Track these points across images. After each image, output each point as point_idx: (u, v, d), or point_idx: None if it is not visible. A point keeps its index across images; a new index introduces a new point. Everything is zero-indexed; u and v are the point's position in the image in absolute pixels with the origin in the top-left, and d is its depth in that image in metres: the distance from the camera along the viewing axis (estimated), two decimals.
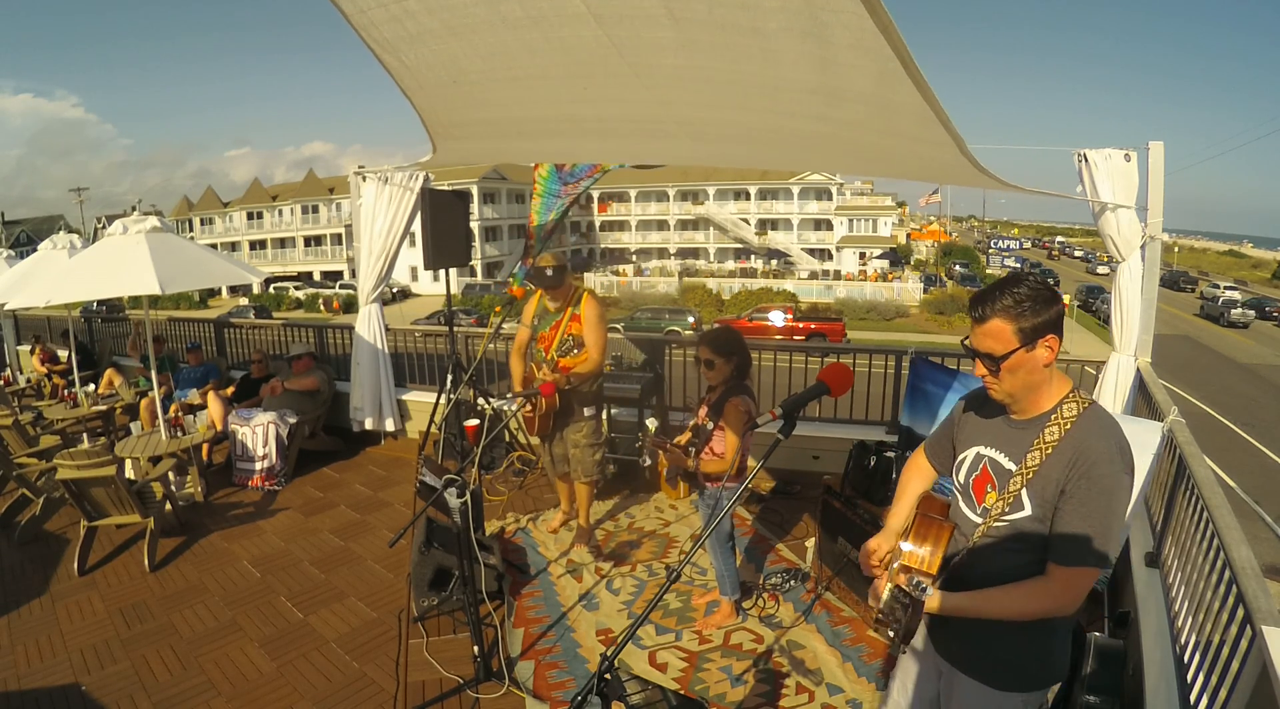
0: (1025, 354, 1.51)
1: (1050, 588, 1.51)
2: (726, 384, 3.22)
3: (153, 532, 4.26)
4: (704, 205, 50.69)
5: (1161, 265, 4.36)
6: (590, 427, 4.06)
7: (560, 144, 3.67)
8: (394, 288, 39.46)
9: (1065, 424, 1.53)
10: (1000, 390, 1.59)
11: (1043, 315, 1.50)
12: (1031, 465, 1.54)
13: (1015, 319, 1.50)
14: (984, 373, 1.58)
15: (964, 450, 1.74)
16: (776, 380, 5.82)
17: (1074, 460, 1.49)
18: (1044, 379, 1.57)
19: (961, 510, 1.70)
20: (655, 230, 52.73)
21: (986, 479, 1.64)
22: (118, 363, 8.57)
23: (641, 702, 2.05)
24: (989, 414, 1.70)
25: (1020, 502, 1.55)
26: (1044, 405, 1.58)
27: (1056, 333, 1.53)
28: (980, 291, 1.58)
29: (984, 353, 1.55)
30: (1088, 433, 1.51)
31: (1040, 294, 1.51)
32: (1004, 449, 1.63)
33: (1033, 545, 1.55)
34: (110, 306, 12.81)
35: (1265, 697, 1.61)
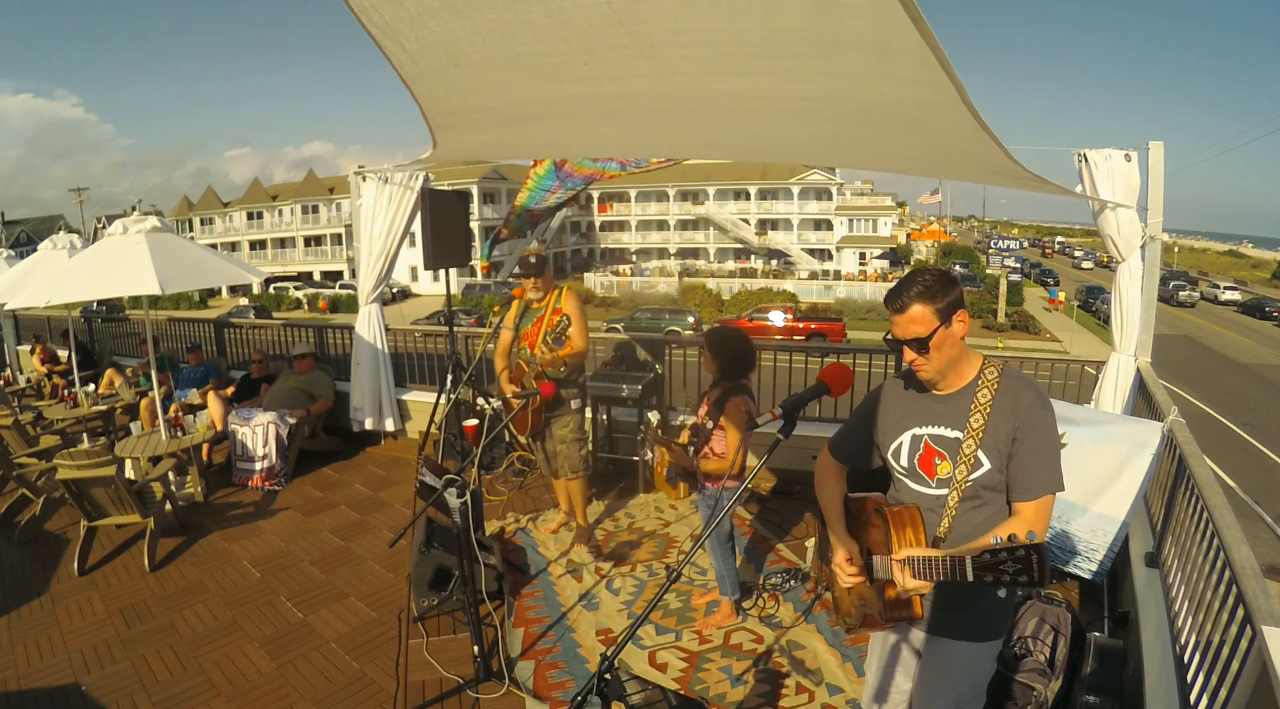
0: (945, 331, 1.70)
1: (1029, 518, 1.70)
2: (722, 382, 3.24)
3: (153, 532, 4.26)
4: (704, 205, 50.67)
5: (1161, 265, 4.36)
6: (575, 421, 4.14)
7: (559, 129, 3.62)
8: (394, 288, 39.47)
9: (992, 385, 1.74)
10: (930, 369, 1.75)
11: (950, 294, 1.71)
12: (978, 427, 1.72)
13: (931, 301, 1.69)
14: (913, 357, 1.74)
15: (895, 438, 1.87)
16: (776, 380, 5.82)
17: (1013, 412, 1.70)
18: (962, 352, 1.77)
19: (912, 489, 1.85)
20: (655, 230, 52.70)
21: (933, 453, 1.79)
22: (118, 363, 8.58)
23: (641, 702, 2.05)
24: (912, 398, 1.87)
25: (979, 460, 1.72)
26: (968, 375, 1.78)
27: (964, 307, 1.75)
28: (890, 290, 1.77)
29: (910, 339, 1.71)
30: (1016, 388, 1.73)
31: (943, 278, 1.72)
32: (941, 422, 1.79)
33: (994, 495, 1.75)
34: (110, 306, 12.81)
35: (1265, 697, 1.61)
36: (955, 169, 3.20)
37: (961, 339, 1.75)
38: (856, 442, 2.02)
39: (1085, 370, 5.26)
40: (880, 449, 1.93)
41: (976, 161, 2.77)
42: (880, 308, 36.15)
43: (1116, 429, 3.45)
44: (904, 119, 2.39)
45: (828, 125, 2.79)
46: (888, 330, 1.79)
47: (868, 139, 2.90)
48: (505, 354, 4.25)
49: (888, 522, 1.77)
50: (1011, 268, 38.68)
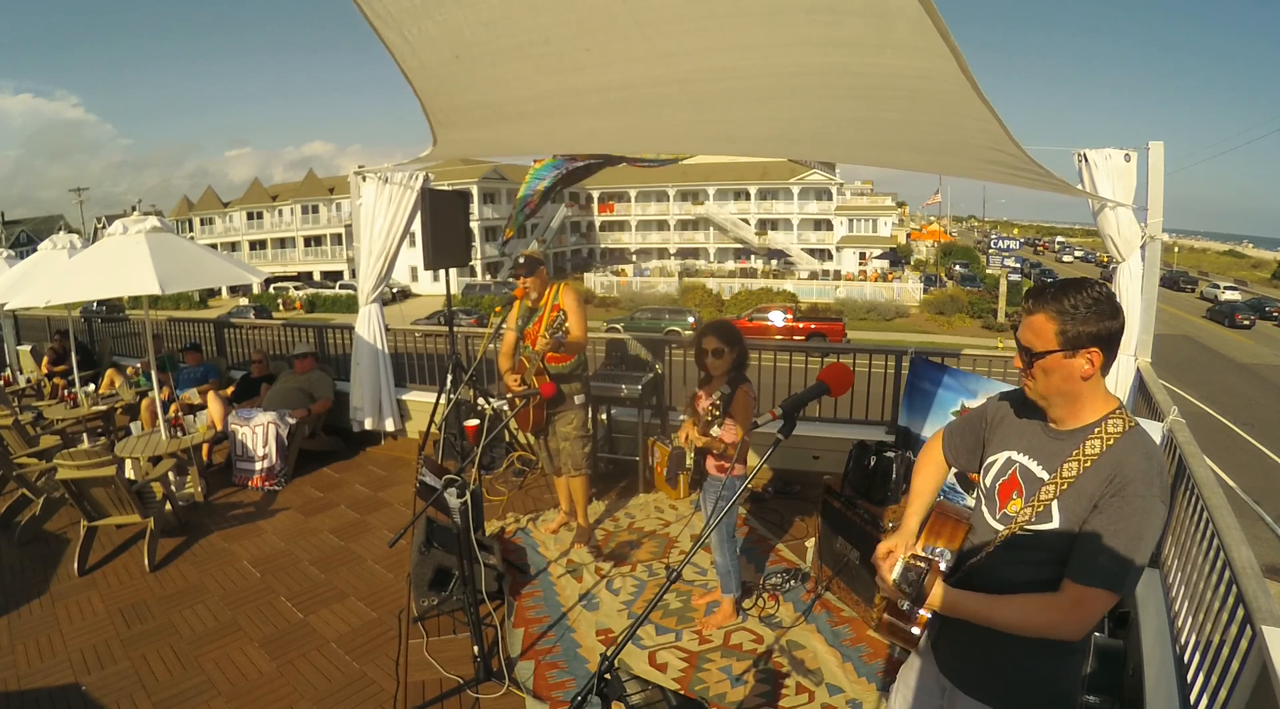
0: (1062, 359, 1.46)
1: (1060, 603, 1.45)
2: (729, 374, 3.24)
3: (153, 532, 4.26)
4: (704, 205, 50.66)
5: (1161, 265, 4.36)
6: (579, 418, 4.16)
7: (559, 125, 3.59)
8: (394, 288, 39.50)
9: (1108, 439, 1.48)
10: (1033, 389, 1.54)
11: (1092, 326, 1.43)
12: (1067, 477, 1.48)
13: (1060, 320, 1.45)
14: (1019, 365, 1.54)
15: (995, 453, 1.67)
16: (776, 380, 5.82)
17: (1112, 477, 1.43)
18: (1082, 391, 1.51)
19: (981, 514, 1.65)
20: (655, 230, 52.68)
21: (1014, 486, 1.58)
22: (118, 363, 8.58)
23: (641, 702, 2.05)
24: (1027, 420, 1.64)
25: (1049, 512, 1.49)
26: (1085, 418, 1.52)
27: (1102, 348, 1.45)
28: (1044, 284, 1.53)
29: (1023, 345, 1.51)
30: (1130, 451, 1.45)
31: (1098, 305, 1.44)
32: (1038, 458, 1.56)
33: (1053, 560, 1.49)
34: (110, 306, 12.82)
35: (1265, 697, 1.61)
36: (954, 159, 3.17)
37: (1084, 379, 1.48)
38: (970, 442, 1.78)
39: None
40: (981, 458, 1.74)
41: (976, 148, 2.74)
42: (879, 308, 36.27)
43: None
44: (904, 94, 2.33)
45: (826, 106, 2.74)
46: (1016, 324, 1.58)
47: (867, 121, 2.84)
48: (509, 354, 4.26)
49: (926, 525, 1.63)
50: (1011, 268, 38.64)
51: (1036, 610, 1.47)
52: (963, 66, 1.87)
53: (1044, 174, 2.85)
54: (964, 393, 3.72)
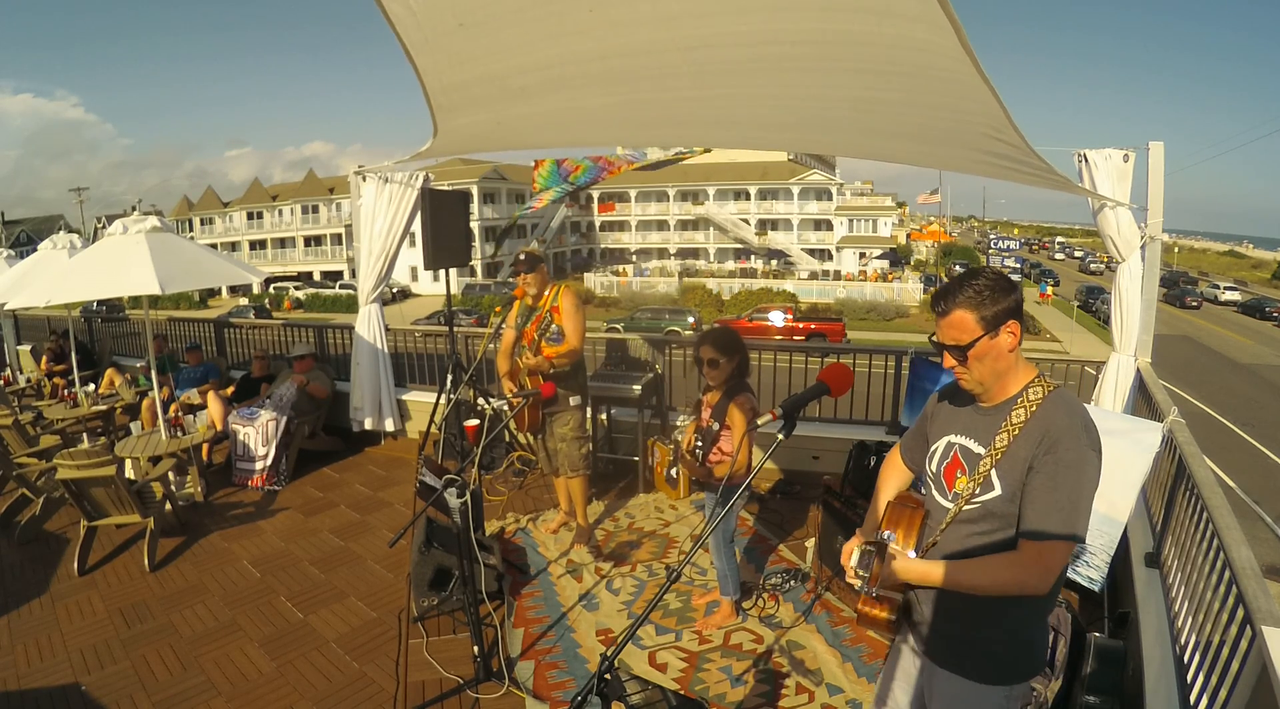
0: (989, 341, 1.58)
1: (1022, 559, 1.54)
2: (728, 383, 3.23)
3: (153, 532, 4.26)
4: (704, 205, 50.66)
5: (1162, 266, 4.36)
6: (576, 419, 4.15)
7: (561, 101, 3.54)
8: (394, 288, 39.51)
9: (1031, 406, 1.59)
10: (970, 379, 1.64)
11: (1002, 303, 1.57)
12: (1000, 447, 1.59)
13: (976, 308, 1.57)
14: (953, 364, 1.63)
15: (935, 441, 1.78)
16: (776, 380, 5.83)
17: (1041, 438, 1.54)
18: (1010, 365, 1.62)
19: (935, 499, 1.74)
20: (655, 230, 52.70)
21: (957, 465, 1.69)
22: (118, 363, 8.58)
23: (641, 702, 2.05)
24: (959, 405, 1.76)
25: (990, 482, 1.59)
26: (1011, 390, 1.64)
27: (1017, 319, 1.59)
28: (941, 287, 1.65)
29: (950, 344, 1.60)
30: (1053, 412, 1.57)
31: (998, 283, 1.58)
32: (973, 435, 1.68)
33: (1004, 525, 1.59)
34: (110, 306, 12.82)
35: (1265, 697, 1.61)
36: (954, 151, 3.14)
37: (1010, 352, 1.60)
38: (916, 442, 1.91)
39: (1085, 370, 5.26)
40: (927, 451, 1.84)
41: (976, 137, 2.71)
42: (880, 308, 36.24)
43: (1116, 426, 3.45)
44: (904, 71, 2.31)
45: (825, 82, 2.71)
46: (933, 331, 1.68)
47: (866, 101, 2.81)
48: (508, 354, 4.26)
49: (886, 515, 1.72)
50: (1011, 268, 38.60)
51: (1001, 568, 1.56)
52: (963, 40, 1.85)
53: (1045, 169, 2.84)
54: None
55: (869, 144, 3.74)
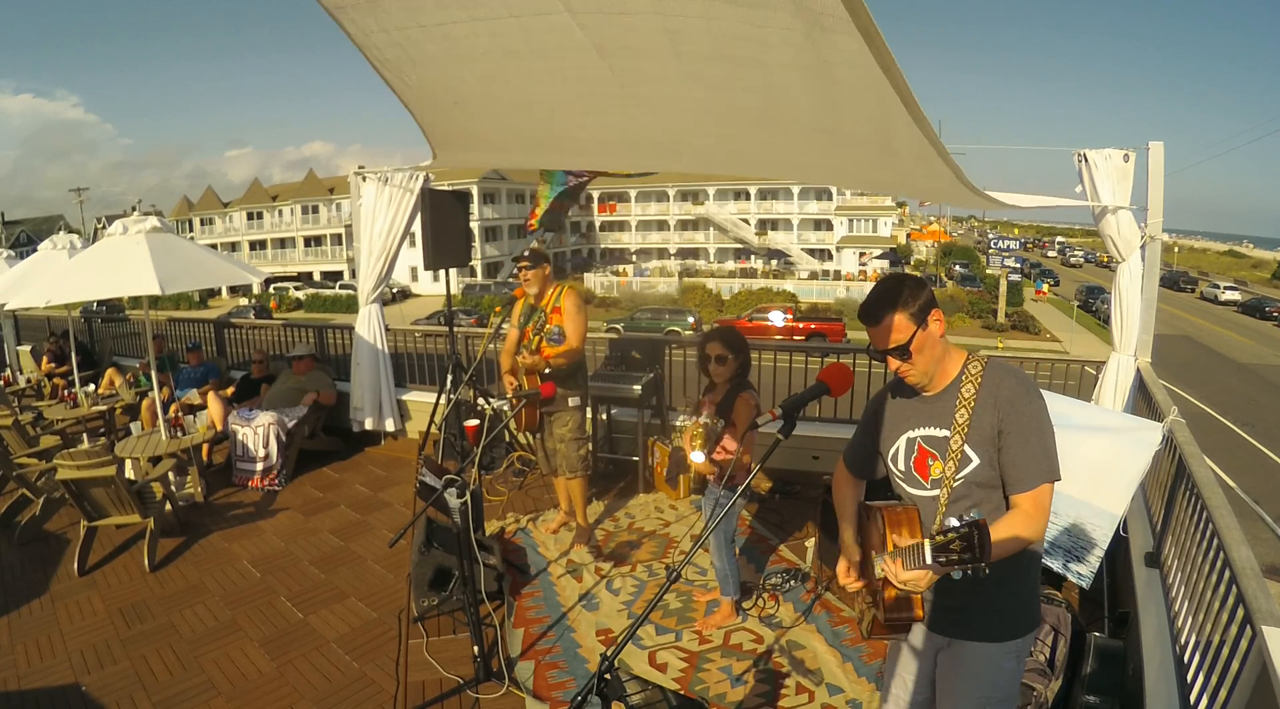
0: (924, 333, 1.71)
1: (1027, 510, 1.65)
2: (731, 382, 3.24)
3: (153, 532, 4.25)
4: (704, 205, 50.66)
5: (1161, 266, 4.36)
6: (575, 419, 4.15)
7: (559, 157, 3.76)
8: (394, 288, 39.51)
9: (976, 380, 1.73)
10: (916, 373, 1.75)
11: (921, 297, 1.71)
12: (962, 422, 1.71)
13: (904, 308, 1.70)
14: (898, 364, 1.75)
15: (892, 443, 1.87)
16: (776, 380, 5.82)
17: (996, 403, 1.69)
18: (944, 350, 1.76)
19: (911, 493, 1.83)
20: (655, 230, 52.71)
21: (926, 455, 1.79)
22: (118, 363, 8.57)
23: (641, 702, 2.05)
24: (903, 402, 1.87)
25: (967, 456, 1.71)
26: (951, 373, 1.78)
27: (937, 307, 1.74)
28: (862, 305, 1.77)
29: (893, 347, 1.71)
30: (999, 378, 1.72)
31: (910, 282, 1.74)
32: (931, 423, 1.78)
33: (990, 490, 1.72)
34: (110, 306, 12.81)
35: (1265, 697, 1.61)
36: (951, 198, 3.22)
37: (941, 337, 1.74)
38: (863, 452, 2.00)
39: (1085, 370, 5.25)
40: (882, 457, 1.92)
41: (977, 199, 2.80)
42: None
43: (1115, 424, 3.45)
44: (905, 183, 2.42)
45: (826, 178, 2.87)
46: (869, 343, 1.78)
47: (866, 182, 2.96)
48: (511, 353, 4.27)
49: (884, 522, 1.75)
50: (1011, 268, 38.64)
51: (1014, 529, 1.65)
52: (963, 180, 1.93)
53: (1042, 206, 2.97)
54: None
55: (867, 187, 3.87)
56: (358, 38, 2.34)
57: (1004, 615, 1.78)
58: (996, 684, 1.80)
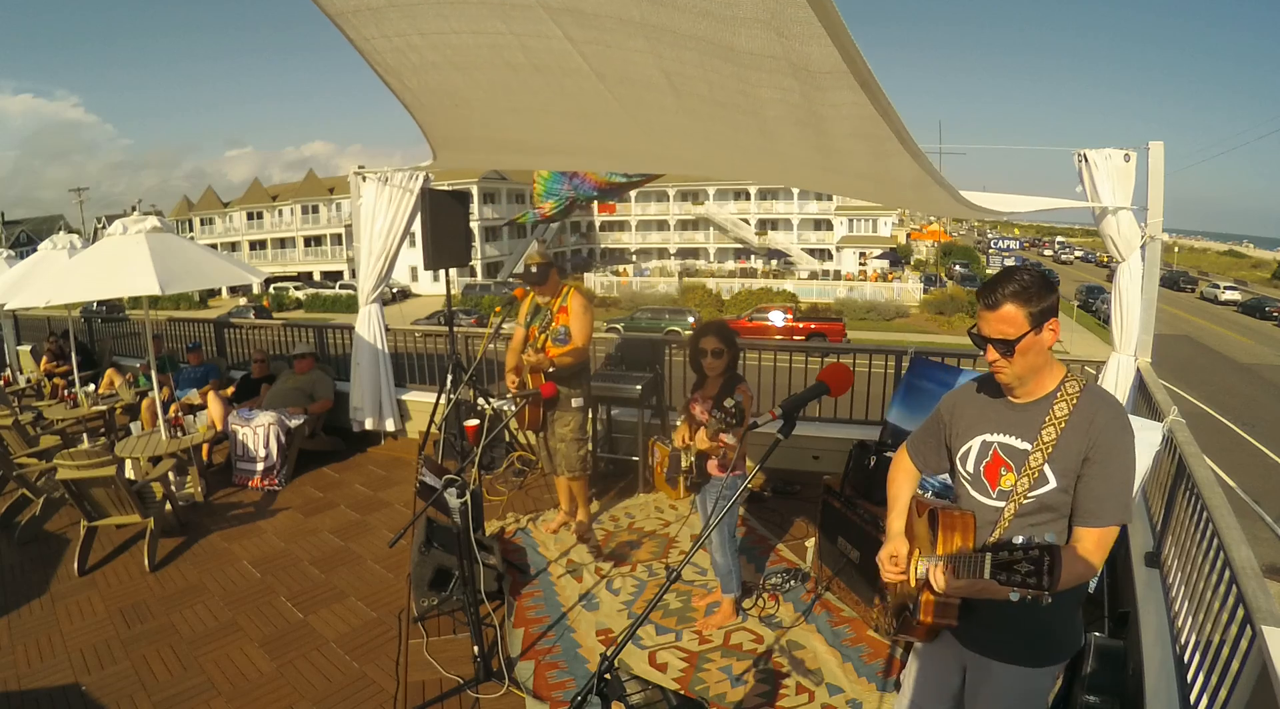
0: (1034, 337, 1.62)
1: (1088, 547, 1.59)
2: (725, 374, 3.25)
3: (153, 532, 4.25)
4: (704, 205, 50.66)
5: (1161, 265, 4.36)
6: (576, 420, 4.16)
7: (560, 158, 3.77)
8: (394, 288, 39.51)
9: (1072, 399, 1.64)
10: (1010, 373, 1.67)
11: (1047, 300, 1.61)
12: (1049, 440, 1.63)
13: (1025, 304, 1.60)
14: (995, 358, 1.66)
15: (966, 442, 1.79)
16: (776, 380, 5.83)
17: (1088, 431, 1.60)
18: (1046, 361, 1.67)
19: (974, 498, 1.76)
20: (655, 230, 52.71)
21: (999, 463, 1.71)
22: (118, 363, 8.57)
23: (641, 702, 2.05)
24: (986, 403, 1.78)
25: (1044, 476, 1.63)
26: (1048, 386, 1.68)
27: (1056, 316, 1.65)
28: (988, 281, 1.67)
29: (998, 338, 1.63)
30: (1097, 405, 1.63)
31: (1042, 281, 1.63)
32: (1013, 432, 1.70)
33: (1057, 516, 1.65)
34: (110, 306, 12.81)
35: (1265, 697, 1.61)
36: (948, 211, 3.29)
37: (1048, 348, 1.66)
38: (931, 444, 1.93)
39: (1085, 370, 5.25)
40: (950, 452, 1.86)
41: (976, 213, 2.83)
42: (879, 308, 36.25)
43: None
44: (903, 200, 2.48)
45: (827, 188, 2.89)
46: (973, 324, 1.70)
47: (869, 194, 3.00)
48: (517, 351, 4.26)
49: (937, 523, 1.70)
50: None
51: (1078, 563, 1.59)
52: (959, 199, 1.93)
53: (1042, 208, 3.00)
54: None
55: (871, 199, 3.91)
56: (359, 43, 2.35)
57: (1042, 640, 1.72)
58: (1029, 703, 1.77)
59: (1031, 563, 1.36)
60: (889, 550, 1.83)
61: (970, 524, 1.69)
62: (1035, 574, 1.35)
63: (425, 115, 3.05)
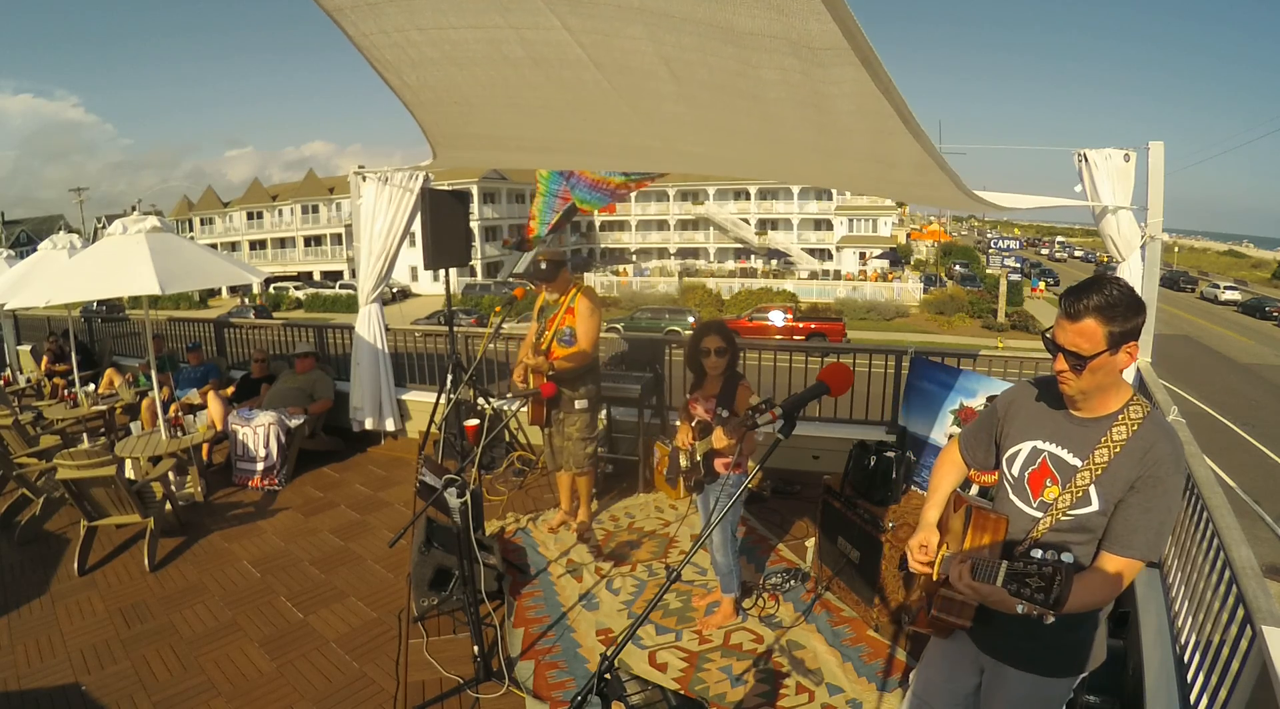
0: (1109, 357, 1.54)
1: (1108, 575, 1.57)
2: (725, 372, 3.25)
3: (153, 532, 4.26)
4: (704, 205, 50.65)
5: (1161, 265, 4.36)
6: (584, 420, 4.17)
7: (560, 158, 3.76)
8: (394, 288, 39.51)
9: (1132, 425, 1.58)
10: (1074, 386, 1.60)
11: (1132, 321, 1.52)
12: (1100, 462, 1.58)
13: (1109, 322, 1.52)
14: (1063, 368, 1.59)
15: (1016, 444, 1.76)
16: (776, 380, 5.82)
17: (1142, 460, 1.55)
18: (1115, 381, 1.61)
19: (1013, 502, 1.73)
20: (655, 230, 52.70)
21: (1046, 473, 1.67)
22: (118, 363, 8.57)
23: (641, 702, 2.05)
24: (1045, 409, 1.72)
25: (1088, 497, 1.59)
26: (1111, 406, 1.62)
27: (1137, 340, 1.56)
28: (1075, 286, 1.58)
29: (1072, 350, 1.55)
30: (1155, 436, 1.57)
31: (1132, 299, 1.53)
32: (1067, 445, 1.65)
33: (1091, 539, 1.62)
34: (110, 306, 12.82)
35: (1265, 697, 1.61)
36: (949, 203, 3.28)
37: (1119, 371, 1.58)
38: (983, 440, 1.89)
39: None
40: (999, 451, 1.83)
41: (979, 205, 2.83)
42: (879, 308, 36.22)
43: None
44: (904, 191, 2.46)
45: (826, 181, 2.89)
46: (1049, 327, 1.62)
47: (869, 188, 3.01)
48: (531, 345, 4.25)
49: (970, 521, 1.69)
50: (1011, 268, 38.67)
51: (1089, 588, 1.56)
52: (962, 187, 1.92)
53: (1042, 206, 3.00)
54: (964, 392, 3.72)
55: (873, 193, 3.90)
56: (357, 39, 2.34)
57: (1060, 651, 1.71)
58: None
59: (1043, 579, 1.35)
60: (919, 539, 1.81)
61: (1002, 529, 1.67)
62: (1044, 590, 1.34)
63: (424, 112, 3.04)
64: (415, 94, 2.79)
